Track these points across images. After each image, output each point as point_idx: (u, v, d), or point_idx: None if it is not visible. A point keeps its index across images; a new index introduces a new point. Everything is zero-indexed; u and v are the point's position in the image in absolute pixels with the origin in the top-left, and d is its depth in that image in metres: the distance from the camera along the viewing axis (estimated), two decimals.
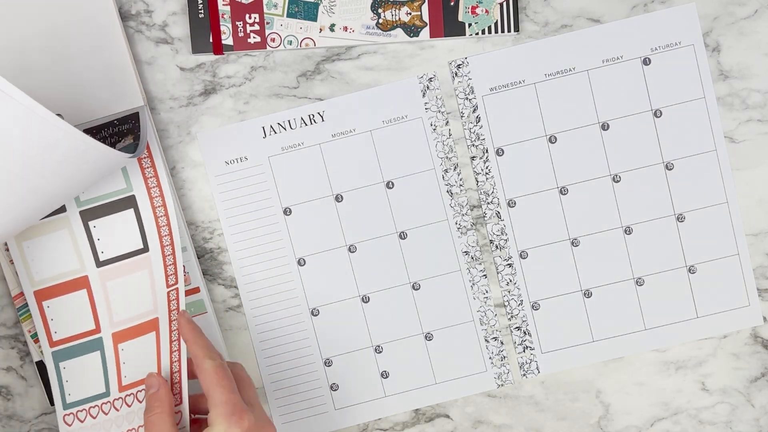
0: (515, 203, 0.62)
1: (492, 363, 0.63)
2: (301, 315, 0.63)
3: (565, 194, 0.62)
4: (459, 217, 0.62)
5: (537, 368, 0.63)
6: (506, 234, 0.62)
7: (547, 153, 0.62)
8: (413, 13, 0.60)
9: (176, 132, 0.62)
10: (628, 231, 0.62)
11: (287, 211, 0.62)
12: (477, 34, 0.61)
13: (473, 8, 0.60)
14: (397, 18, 0.59)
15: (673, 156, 0.62)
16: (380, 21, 0.60)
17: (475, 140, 0.62)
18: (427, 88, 0.62)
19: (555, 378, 0.63)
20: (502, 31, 0.61)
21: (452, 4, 0.59)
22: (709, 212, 0.62)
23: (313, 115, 0.62)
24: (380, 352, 0.63)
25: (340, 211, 0.62)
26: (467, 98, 0.62)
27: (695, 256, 0.62)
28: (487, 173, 0.62)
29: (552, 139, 0.62)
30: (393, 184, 0.62)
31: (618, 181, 0.62)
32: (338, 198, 0.62)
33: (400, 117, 0.62)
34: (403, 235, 0.62)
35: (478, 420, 0.63)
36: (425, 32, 0.61)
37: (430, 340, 0.63)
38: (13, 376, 0.63)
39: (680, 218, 0.62)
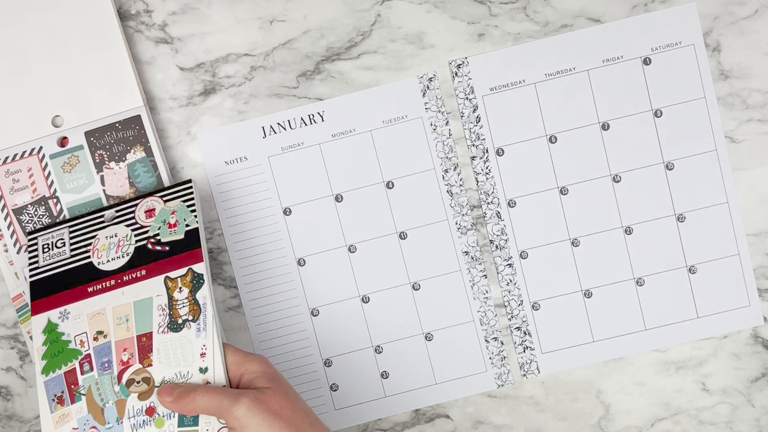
0: (515, 203, 0.62)
1: (492, 363, 0.63)
2: (301, 315, 0.62)
3: (565, 194, 0.62)
4: (459, 217, 0.62)
5: (537, 368, 0.63)
6: (506, 234, 0.62)
7: (547, 153, 0.62)
8: None
9: (176, 132, 0.62)
10: (628, 231, 0.62)
11: (287, 211, 0.62)
12: None
13: None
14: None
15: (674, 156, 0.61)
16: None
17: (475, 140, 0.62)
18: (427, 88, 0.62)
19: (555, 378, 0.63)
20: None
21: None
22: (709, 212, 0.62)
23: (313, 115, 0.62)
24: (380, 352, 0.63)
25: (340, 211, 0.62)
26: (467, 98, 0.62)
27: (695, 256, 0.62)
28: (487, 173, 0.62)
29: (552, 139, 0.62)
30: (393, 184, 0.62)
31: (618, 181, 0.62)
32: (338, 198, 0.62)
33: (400, 117, 0.62)
34: (403, 235, 0.62)
35: (478, 420, 0.63)
36: None
37: (430, 340, 0.62)
38: (13, 376, 0.63)
39: (680, 218, 0.62)
